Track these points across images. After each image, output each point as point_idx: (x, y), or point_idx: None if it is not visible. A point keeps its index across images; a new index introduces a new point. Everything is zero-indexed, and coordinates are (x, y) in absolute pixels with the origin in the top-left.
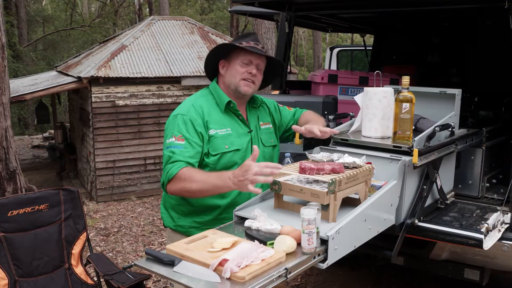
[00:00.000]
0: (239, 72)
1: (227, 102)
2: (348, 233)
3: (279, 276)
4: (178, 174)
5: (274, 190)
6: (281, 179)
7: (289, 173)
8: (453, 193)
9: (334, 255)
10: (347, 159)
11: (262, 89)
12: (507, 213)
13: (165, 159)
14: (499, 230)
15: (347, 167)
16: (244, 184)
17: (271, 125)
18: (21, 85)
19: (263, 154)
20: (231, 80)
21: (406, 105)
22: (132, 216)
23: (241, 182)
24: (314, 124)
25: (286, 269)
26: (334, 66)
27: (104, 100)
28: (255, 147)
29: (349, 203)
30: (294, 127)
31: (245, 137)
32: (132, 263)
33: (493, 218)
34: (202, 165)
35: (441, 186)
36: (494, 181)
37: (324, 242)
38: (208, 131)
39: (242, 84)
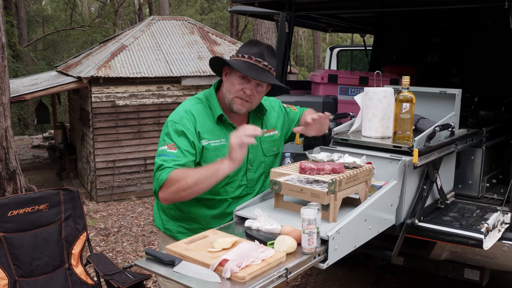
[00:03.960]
0: (235, 88)
1: (218, 116)
2: (348, 233)
3: (279, 276)
4: (169, 178)
5: (274, 190)
6: (281, 179)
7: (289, 173)
8: (453, 193)
9: (334, 255)
10: (347, 159)
11: None
12: (507, 213)
13: (155, 167)
14: (499, 230)
15: (347, 167)
16: (232, 155)
17: (276, 131)
18: (21, 85)
19: (263, 165)
20: (227, 94)
21: (406, 105)
22: (132, 216)
23: (232, 150)
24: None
25: (286, 269)
26: (334, 66)
27: (104, 100)
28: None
29: (349, 203)
30: (295, 129)
31: None
32: (132, 263)
33: (493, 218)
34: None
35: (441, 186)
36: (494, 181)
37: (324, 242)
38: (200, 141)
39: (235, 102)
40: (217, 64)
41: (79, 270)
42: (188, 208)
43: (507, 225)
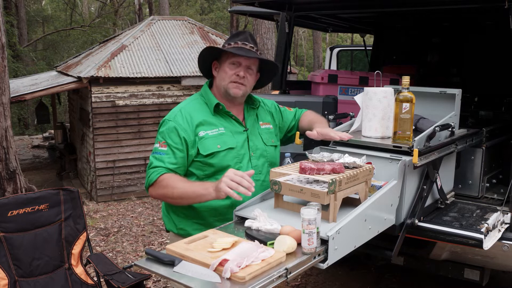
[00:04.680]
0: (228, 74)
1: (215, 104)
2: (348, 233)
3: (279, 276)
4: (158, 180)
5: (274, 190)
6: (281, 179)
7: (289, 173)
8: (453, 193)
9: (334, 255)
10: (347, 159)
11: (262, 89)
12: (507, 213)
13: (148, 164)
14: (499, 230)
15: (347, 167)
16: (220, 187)
17: (271, 126)
18: (21, 85)
19: (265, 154)
20: (221, 82)
21: (406, 105)
22: (132, 216)
23: (218, 185)
24: (321, 126)
25: (286, 269)
26: (334, 66)
27: (104, 100)
28: (251, 171)
29: (349, 203)
30: (308, 133)
31: (240, 136)
32: (132, 263)
33: (493, 218)
34: (195, 167)
35: (441, 186)
36: (494, 181)
37: (324, 242)
38: (197, 134)
39: (231, 87)
40: (205, 62)
41: (79, 270)
42: (200, 204)
43: (507, 225)
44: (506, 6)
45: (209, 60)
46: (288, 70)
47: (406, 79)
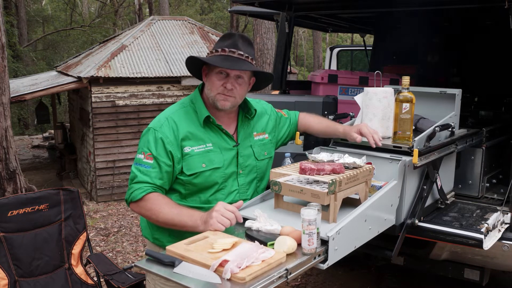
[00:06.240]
0: (215, 85)
1: (205, 117)
2: (348, 233)
3: (280, 276)
4: (144, 199)
5: (274, 191)
6: (281, 180)
7: (289, 174)
8: (453, 193)
9: (334, 256)
10: (347, 159)
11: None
12: (507, 213)
13: (131, 176)
14: (499, 230)
15: (347, 168)
16: (211, 223)
17: (266, 135)
18: (21, 85)
19: (255, 169)
20: (209, 93)
21: (406, 105)
22: (132, 216)
23: (208, 220)
24: (347, 127)
25: (286, 269)
26: (334, 66)
27: (104, 100)
28: (240, 202)
29: (349, 203)
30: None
31: (228, 153)
32: (132, 264)
33: (493, 218)
34: (178, 184)
35: (441, 186)
36: (494, 181)
37: (324, 242)
38: (182, 149)
39: (218, 99)
40: (195, 66)
41: (79, 270)
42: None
43: (507, 225)
44: (506, 6)
45: (199, 64)
46: (288, 70)
47: (406, 79)
